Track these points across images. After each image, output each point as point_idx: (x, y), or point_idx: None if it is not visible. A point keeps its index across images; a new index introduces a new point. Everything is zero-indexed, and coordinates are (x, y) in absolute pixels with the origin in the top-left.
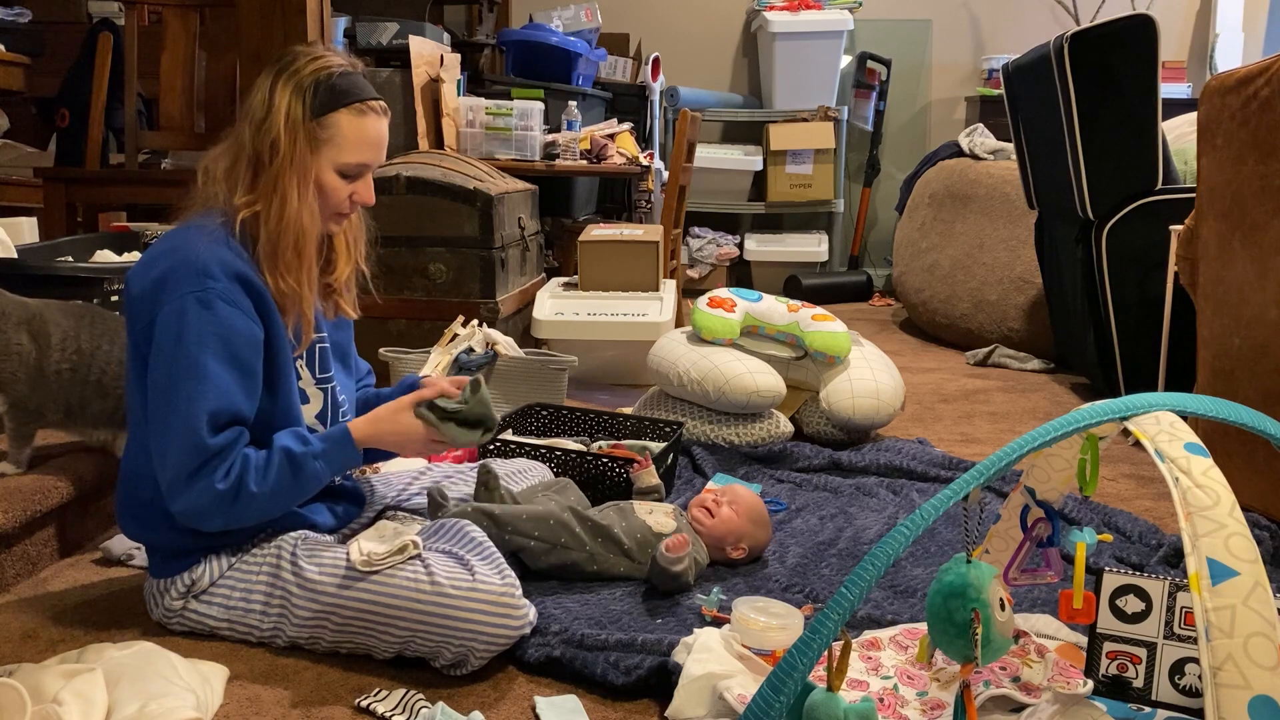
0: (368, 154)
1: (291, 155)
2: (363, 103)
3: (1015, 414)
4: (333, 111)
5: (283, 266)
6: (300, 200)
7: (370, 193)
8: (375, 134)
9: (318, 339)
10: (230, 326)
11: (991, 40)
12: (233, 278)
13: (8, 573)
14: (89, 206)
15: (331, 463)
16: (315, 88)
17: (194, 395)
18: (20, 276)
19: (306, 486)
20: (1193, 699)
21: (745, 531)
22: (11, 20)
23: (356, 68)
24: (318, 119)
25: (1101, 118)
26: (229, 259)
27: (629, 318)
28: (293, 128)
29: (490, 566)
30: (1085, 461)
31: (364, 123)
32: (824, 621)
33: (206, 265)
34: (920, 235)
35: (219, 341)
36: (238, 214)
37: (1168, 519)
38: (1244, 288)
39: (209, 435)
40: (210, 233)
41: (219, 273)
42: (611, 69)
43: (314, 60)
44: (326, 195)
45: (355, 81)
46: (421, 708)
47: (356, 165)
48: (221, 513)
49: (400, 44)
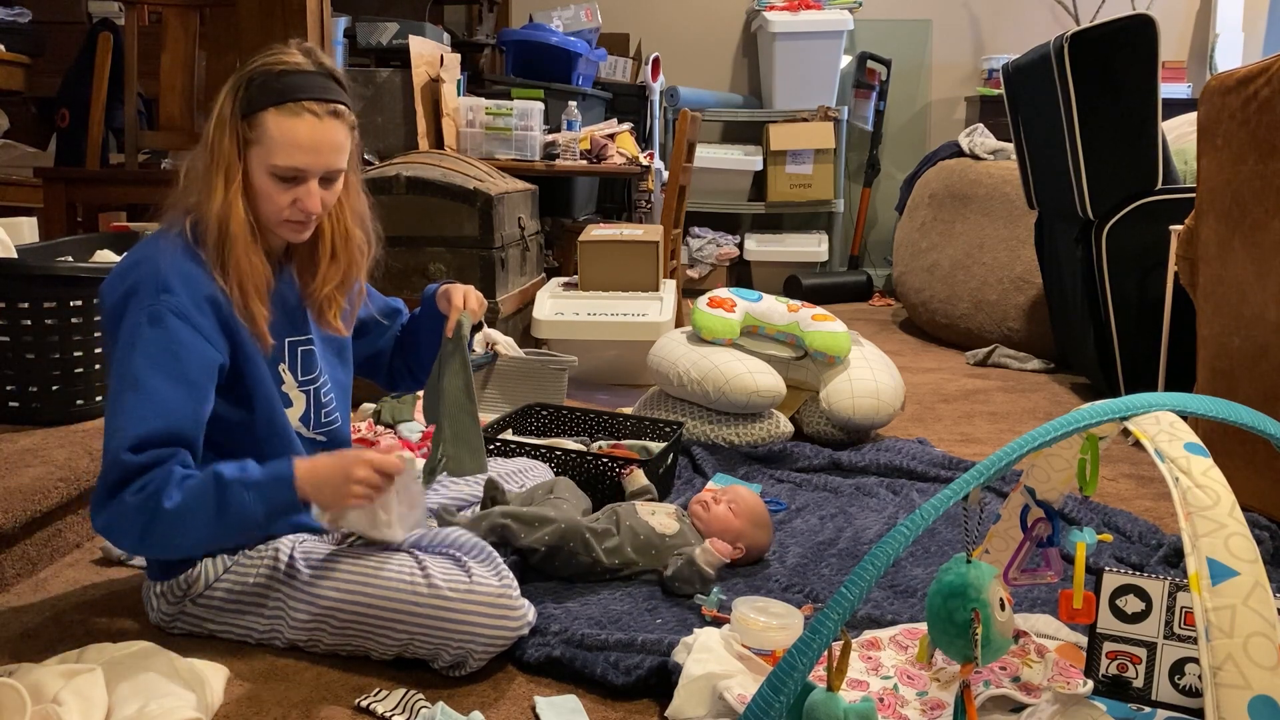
0: (298, 157)
1: (216, 154)
2: (298, 103)
3: (1015, 414)
4: (260, 111)
5: (220, 268)
6: (225, 200)
7: (313, 200)
8: (307, 137)
9: (302, 341)
10: (179, 342)
11: (991, 40)
12: (192, 291)
13: (8, 573)
14: (89, 206)
15: (265, 498)
16: (248, 85)
17: (129, 410)
18: (20, 276)
19: (232, 518)
20: (1193, 699)
21: (742, 531)
22: (11, 20)
23: (320, 66)
24: (246, 118)
25: (1101, 118)
26: (191, 271)
27: (629, 318)
28: (220, 125)
29: (487, 568)
30: (1085, 461)
31: (294, 124)
32: (824, 621)
33: (166, 280)
34: (920, 235)
35: (168, 357)
36: (187, 216)
37: (1168, 519)
38: (1244, 288)
39: (133, 453)
40: (174, 242)
41: (178, 287)
42: (611, 69)
43: (267, 57)
44: (262, 199)
45: (294, 81)
46: (421, 708)
47: (286, 168)
48: (135, 529)
49: (400, 44)
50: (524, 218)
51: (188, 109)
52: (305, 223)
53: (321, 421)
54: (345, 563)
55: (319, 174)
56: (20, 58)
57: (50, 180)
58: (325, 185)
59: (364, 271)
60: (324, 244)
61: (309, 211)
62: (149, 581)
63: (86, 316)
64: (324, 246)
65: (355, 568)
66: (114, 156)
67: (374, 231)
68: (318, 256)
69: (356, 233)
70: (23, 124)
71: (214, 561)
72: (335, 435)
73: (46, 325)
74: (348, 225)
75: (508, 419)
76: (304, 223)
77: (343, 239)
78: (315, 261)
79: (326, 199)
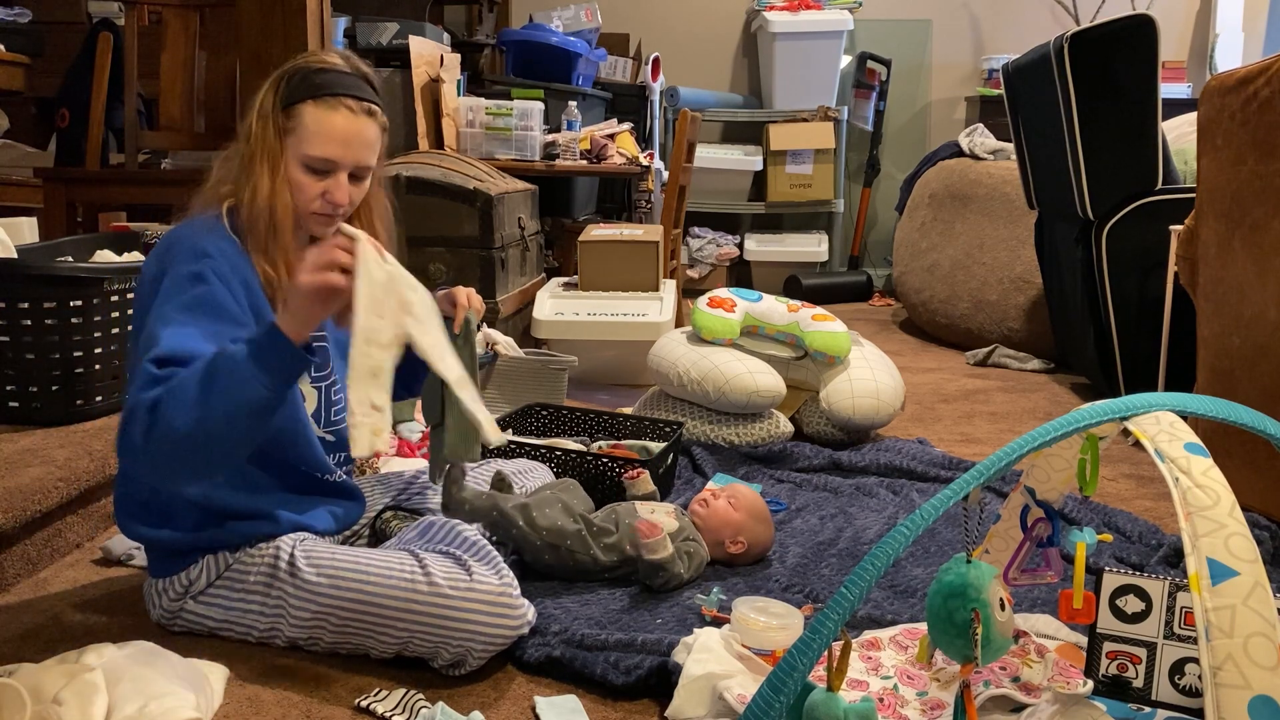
0: (331, 149)
1: (262, 142)
2: (334, 97)
3: (1015, 414)
4: (299, 103)
5: (262, 250)
6: (272, 184)
7: (341, 193)
8: (341, 130)
9: (316, 336)
10: (215, 297)
11: (991, 40)
12: (232, 267)
13: (8, 573)
14: (89, 206)
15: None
16: (288, 79)
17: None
18: (20, 276)
19: (235, 379)
20: (1193, 699)
21: (743, 525)
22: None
23: (357, 69)
24: (285, 109)
25: (1101, 118)
26: (225, 248)
27: (629, 318)
28: (263, 116)
29: (487, 566)
30: (1085, 461)
31: (330, 116)
32: (824, 621)
33: (205, 248)
34: (920, 235)
35: (205, 309)
36: (223, 203)
37: (1168, 519)
38: (1244, 288)
39: (156, 365)
40: (209, 224)
41: (216, 254)
42: (611, 69)
43: (308, 57)
44: (295, 190)
45: (331, 78)
46: (421, 708)
47: (320, 159)
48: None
49: (400, 44)
50: (524, 218)
51: (188, 109)
52: (333, 215)
53: (331, 419)
54: (345, 561)
55: (349, 167)
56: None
57: (50, 180)
58: (354, 181)
59: None
60: None
61: (337, 203)
62: (150, 579)
63: (86, 316)
64: None
65: (355, 566)
66: (114, 156)
67: (391, 229)
68: None
69: (380, 232)
70: (23, 124)
71: (215, 559)
72: (344, 435)
73: (46, 325)
74: (373, 224)
75: (508, 419)
76: (332, 215)
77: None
78: None
79: (354, 194)
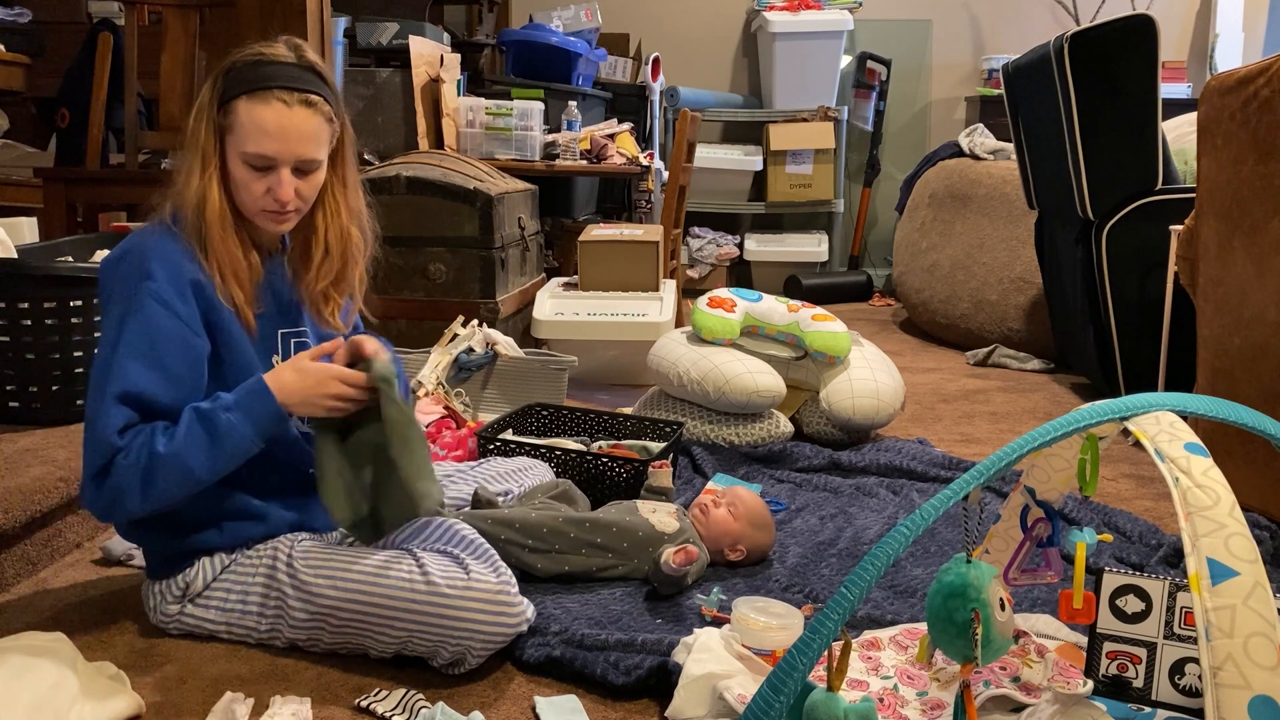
0: (266, 144)
1: (193, 142)
2: (266, 90)
3: (1015, 414)
4: (234, 99)
5: (202, 250)
6: (199, 186)
7: (285, 189)
8: (275, 123)
9: (295, 333)
10: (157, 328)
11: (991, 40)
12: (175, 276)
13: (8, 573)
14: (89, 206)
15: (248, 414)
16: (225, 74)
17: (106, 393)
18: (20, 276)
19: (224, 441)
20: (1193, 699)
21: (741, 534)
22: (11, 20)
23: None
24: (222, 106)
25: (1101, 118)
26: (174, 256)
27: (629, 318)
28: (198, 114)
29: (485, 565)
30: (1085, 461)
31: (262, 111)
32: (824, 621)
33: (149, 268)
34: (920, 235)
35: (146, 343)
36: (167, 203)
37: (1168, 519)
38: (1244, 288)
39: (119, 435)
40: (158, 229)
41: (160, 274)
42: (611, 69)
43: (249, 50)
44: (240, 189)
45: (267, 70)
46: (421, 708)
47: (256, 155)
48: (136, 486)
49: (400, 44)
50: (524, 218)
51: (188, 109)
52: (282, 213)
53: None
54: (344, 561)
55: (290, 162)
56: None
57: (50, 180)
58: (300, 176)
59: (361, 269)
60: (318, 240)
61: (282, 200)
62: (148, 581)
63: (86, 316)
64: (318, 242)
65: (354, 566)
66: (114, 156)
67: (372, 230)
68: (311, 252)
69: (353, 231)
70: (23, 124)
71: (212, 560)
72: None
73: (46, 325)
74: (344, 223)
75: (508, 419)
76: (280, 212)
77: (338, 236)
78: (309, 256)
79: (303, 190)
